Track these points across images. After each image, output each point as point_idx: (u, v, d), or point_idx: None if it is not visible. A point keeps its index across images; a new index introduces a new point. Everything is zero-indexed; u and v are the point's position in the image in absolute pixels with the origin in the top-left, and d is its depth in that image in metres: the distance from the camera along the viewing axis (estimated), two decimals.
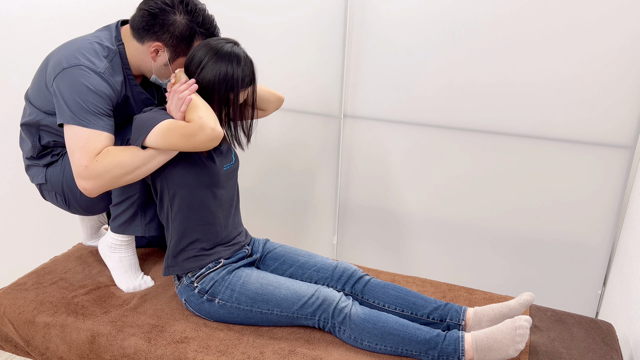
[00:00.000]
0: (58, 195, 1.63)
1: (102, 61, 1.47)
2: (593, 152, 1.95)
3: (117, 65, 1.51)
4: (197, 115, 1.38)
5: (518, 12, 1.89)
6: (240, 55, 1.45)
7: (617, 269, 1.94)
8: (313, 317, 1.45)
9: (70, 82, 1.41)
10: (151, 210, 1.64)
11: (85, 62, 1.43)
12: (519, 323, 1.35)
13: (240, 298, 1.46)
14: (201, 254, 1.51)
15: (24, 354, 1.57)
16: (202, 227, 1.51)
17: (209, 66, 1.43)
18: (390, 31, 2.09)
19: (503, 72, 1.97)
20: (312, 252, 1.66)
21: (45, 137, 1.59)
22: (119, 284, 1.65)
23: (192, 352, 1.38)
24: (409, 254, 2.36)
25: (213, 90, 1.44)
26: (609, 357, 1.43)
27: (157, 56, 1.51)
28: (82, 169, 1.38)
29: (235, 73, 1.43)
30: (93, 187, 1.40)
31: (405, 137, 2.20)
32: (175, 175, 1.48)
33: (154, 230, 1.66)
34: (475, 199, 2.16)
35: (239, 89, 1.46)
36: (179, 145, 1.39)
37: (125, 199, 1.60)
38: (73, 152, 1.40)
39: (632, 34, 1.78)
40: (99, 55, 1.47)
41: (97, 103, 1.42)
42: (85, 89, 1.41)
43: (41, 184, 1.65)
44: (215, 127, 1.38)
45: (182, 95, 1.41)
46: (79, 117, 1.40)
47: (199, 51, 1.45)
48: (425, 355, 1.37)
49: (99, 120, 1.42)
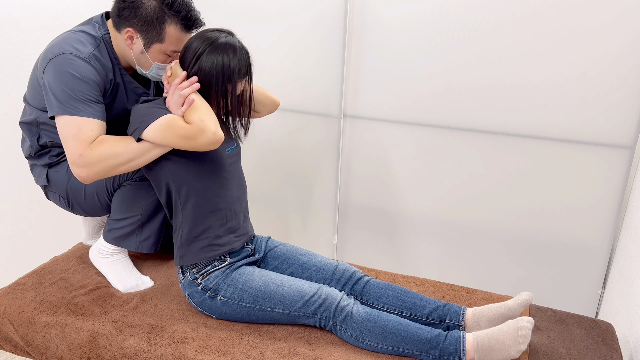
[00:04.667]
0: (62, 198, 1.64)
1: (86, 47, 1.45)
2: (593, 152, 1.95)
3: (103, 51, 1.50)
4: (199, 118, 1.37)
5: (518, 14, 1.89)
6: (236, 45, 1.45)
7: (617, 269, 1.94)
8: (315, 316, 1.45)
9: (56, 72, 1.40)
10: (148, 229, 1.64)
11: (69, 49, 1.42)
12: (521, 324, 1.35)
13: (243, 295, 1.46)
14: (215, 242, 1.50)
15: (24, 354, 1.56)
16: (212, 213, 1.51)
17: (204, 57, 1.42)
18: (390, 31, 2.09)
19: (503, 73, 1.97)
20: (313, 252, 1.66)
21: (43, 136, 1.59)
22: (115, 286, 1.65)
23: (192, 352, 1.38)
24: (409, 254, 2.36)
25: (210, 81, 1.43)
26: (609, 357, 1.43)
27: (133, 44, 1.49)
28: (76, 157, 1.38)
29: (232, 63, 1.43)
30: (87, 175, 1.40)
31: (405, 137, 2.20)
32: (179, 163, 1.47)
33: (147, 248, 1.67)
34: (475, 198, 2.16)
35: (236, 80, 1.45)
36: (177, 144, 1.38)
37: (125, 217, 1.61)
38: (66, 141, 1.40)
39: (632, 34, 1.78)
40: (84, 42, 1.46)
41: (84, 90, 1.41)
42: (70, 77, 1.40)
43: (45, 185, 1.65)
44: (217, 131, 1.38)
45: (183, 93, 1.41)
46: (68, 106, 1.39)
47: (194, 42, 1.45)
48: (426, 354, 1.37)
49: (88, 108, 1.41)
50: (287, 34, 2.26)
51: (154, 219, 1.65)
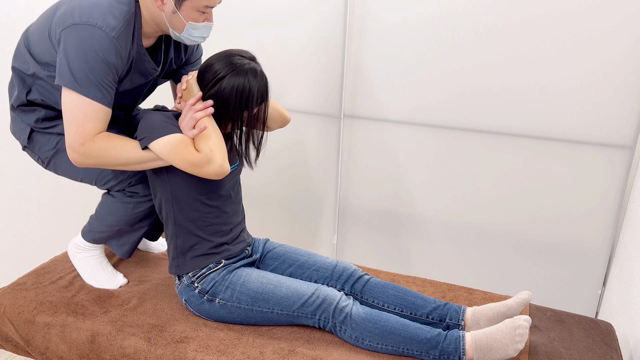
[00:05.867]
0: (40, 160, 1.57)
1: (117, 20, 1.34)
2: (593, 152, 1.95)
3: (130, 24, 1.39)
4: (209, 148, 1.36)
5: (518, 17, 1.89)
6: (257, 72, 1.44)
7: (617, 269, 1.94)
8: (313, 317, 1.45)
9: (79, 42, 1.30)
10: (127, 237, 1.64)
11: (99, 22, 1.31)
12: (518, 323, 1.35)
13: (241, 297, 1.46)
14: (210, 252, 1.51)
15: (24, 353, 1.57)
16: (208, 227, 1.51)
17: (225, 82, 1.40)
18: (390, 31, 2.09)
19: (503, 73, 1.97)
20: (312, 252, 1.66)
21: (34, 92, 1.49)
22: (88, 281, 1.65)
23: (192, 352, 1.38)
24: (409, 253, 2.36)
25: (227, 106, 1.42)
26: (609, 357, 1.43)
27: (164, 4, 1.39)
28: (77, 144, 1.35)
29: (251, 91, 1.42)
30: (82, 162, 1.38)
31: (405, 137, 2.20)
32: (179, 176, 1.47)
33: (124, 254, 1.66)
34: (474, 198, 2.16)
35: (253, 107, 1.44)
36: (181, 166, 1.37)
37: (107, 225, 1.61)
38: (69, 123, 1.35)
39: (633, 36, 1.78)
40: (116, 15, 1.35)
41: (102, 73, 1.33)
42: (93, 55, 1.31)
43: (24, 145, 1.57)
44: (224, 164, 1.36)
45: (196, 116, 1.39)
46: (82, 86, 1.32)
47: (216, 64, 1.43)
48: (426, 354, 1.37)
49: (100, 93, 1.34)
50: (288, 35, 2.26)
51: (134, 231, 1.65)
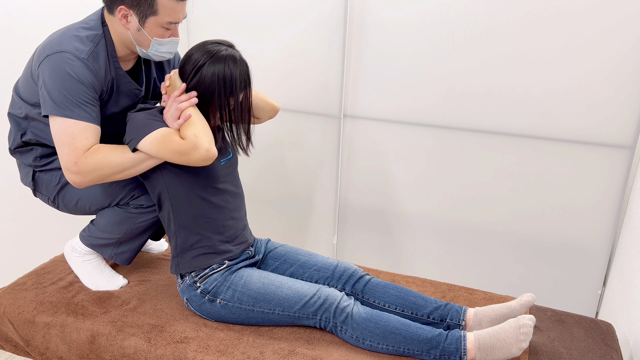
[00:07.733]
0: (49, 200, 1.63)
1: (86, 45, 1.42)
2: (593, 152, 1.95)
3: (101, 47, 1.46)
4: (193, 134, 1.36)
5: (518, 17, 1.89)
6: (237, 57, 1.44)
7: (617, 269, 1.94)
8: (315, 317, 1.44)
9: (53, 70, 1.38)
10: (127, 246, 1.64)
11: (68, 47, 1.39)
12: (522, 322, 1.35)
13: (242, 298, 1.46)
14: (210, 252, 1.50)
15: (24, 353, 1.56)
16: (207, 223, 1.51)
17: (205, 69, 1.41)
18: (390, 32, 2.09)
19: (503, 73, 1.97)
20: (313, 252, 1.66)
21: (29, 133, 1.55)
22: (87, 285, 1.65)
23: (192, 352, 1.38)
24: (409, 254, 2.36)
25: (211, 94, 1.43)
26: (609, 357, 1.43)
27: (128, 22, 1.44)
28: (71, 164, 1.38)
29: (233, 76, 1.42)
30: (82, 182, 1.40)
31: (405, 137, 2.20)
32: (173, 174, 1.47)
33: (122, 261, 1.66)
34: (474, 198, 2.16)
35: (237, 92, 1.44)
36: (170, 159, 1.38)
37: (108, 232, 1.61)
38: (61, 147, 1.39)
39: (633, 36, 1.78)
40: (83, 39, 1.43)
41: (80, 92, 1.39)
42: (68, 77, 1.37)
43: (32, 188, 1.63)
44: (210, 148, 1.37)
45: (181, 107, 1.40)
46: (63, 108, 1.37)
47: (195, 53, 1.43)
48: (427, 354, 1.37)
49: (83, 111, 1.39)
50: (288, 35, 2.26)
51: (135, 240, 1.64)
